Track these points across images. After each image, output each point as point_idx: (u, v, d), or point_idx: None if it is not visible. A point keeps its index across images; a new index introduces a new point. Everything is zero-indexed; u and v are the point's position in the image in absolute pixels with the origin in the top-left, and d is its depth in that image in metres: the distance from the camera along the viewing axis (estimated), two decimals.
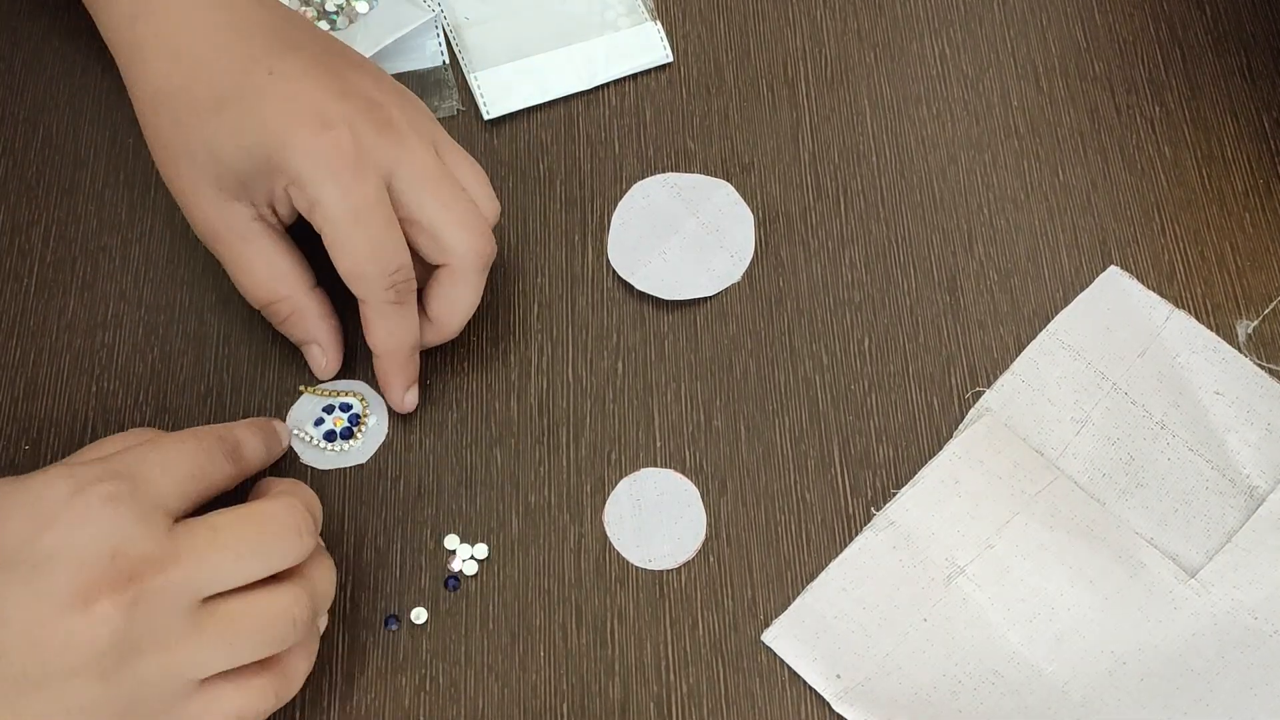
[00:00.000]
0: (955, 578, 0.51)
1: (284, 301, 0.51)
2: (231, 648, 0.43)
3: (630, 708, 0.50)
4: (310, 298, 0.52)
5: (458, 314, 0.52)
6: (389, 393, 0.52)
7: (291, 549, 0.44)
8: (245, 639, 0.43)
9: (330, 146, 0.47)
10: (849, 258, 0.57)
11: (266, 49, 0.49)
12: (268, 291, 0.51)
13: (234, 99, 0.48)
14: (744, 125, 0.59)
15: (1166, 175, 0.59)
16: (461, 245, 0.50)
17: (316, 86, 0.48)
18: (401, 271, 0.49)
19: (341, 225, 0.48)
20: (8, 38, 0.60)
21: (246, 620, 0.43)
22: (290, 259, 0.51)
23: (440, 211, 0.49)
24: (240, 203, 0.50)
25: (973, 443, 0.53)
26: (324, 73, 0.49)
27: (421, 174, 0.49)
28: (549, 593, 0.51)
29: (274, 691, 0.45)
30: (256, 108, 0.48)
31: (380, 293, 0.49)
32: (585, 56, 0.60)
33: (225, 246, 0.51)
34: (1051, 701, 0.49)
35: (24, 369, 0.54)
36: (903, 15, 0.62)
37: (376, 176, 0.48)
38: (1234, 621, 0.50)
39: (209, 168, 0.49)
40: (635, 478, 0.53)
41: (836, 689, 0.50)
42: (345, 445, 0.53)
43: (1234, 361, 0.54)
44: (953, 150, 0.59)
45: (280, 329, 0.53)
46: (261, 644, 0.43)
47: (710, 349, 0.55)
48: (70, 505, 0.41)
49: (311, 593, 0.45)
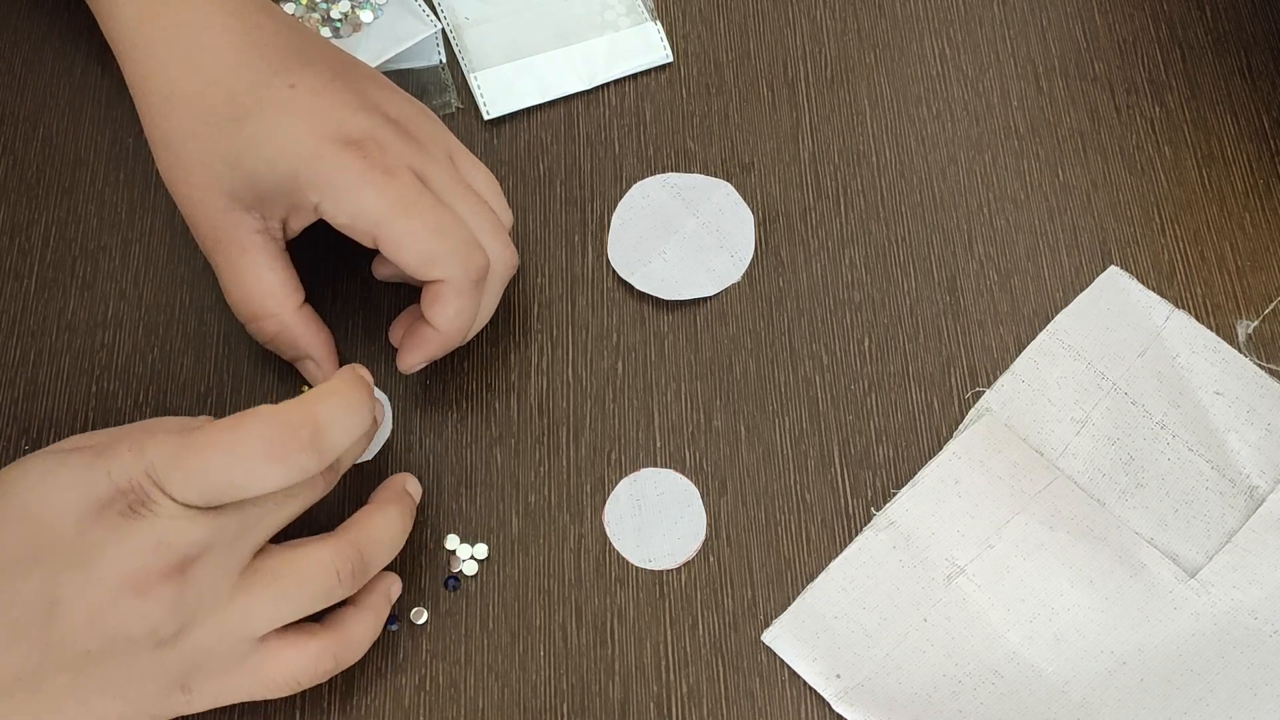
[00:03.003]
0: (955, 578, 0.51)
1: (271, 319, 0.51)
2: (278, 601, 0.44)
3: (630, 707, 0.50)
4: (296, 316, 0.51)
5: (480, 320, 0.51)
6: (408, 358, 0.51)
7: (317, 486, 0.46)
8: (290, 592, 0.44)
9: (360, 157, 0.47)
10: (849, 258, 0.57)
11: (285, 62, 0.49)
12: (254, 307, 0.51)
13: (256, 112, 0.48)
14: (744, 125, 0.60)
15: (1166, 175, 0.59)
16: (492, 251, 0.50)
17: (338, 101, 0.49)
18: (475, 250, 0.49)
19: (394, 220, 0.48)
20: (8, 37, 0.60)
21: (289, 573, 0.45)
22: (282, 276, 0.51)
23: (469, 217, 0.50)
24: (250, 214, 0.49)
25: (973, 443, 0.53)
26: (344, 87, 0.49)
27: (446, 182, 0.50)
28: (549, 593, 0.51)
29: (332, 654, 0.46)
30: (281, 122, 0.48)
31: (459, 269, 0.49)
32: (585, 56, 0.60)
33: (223, 256, 0.50)
34: (1051, 701, 0.49)
35: (24, 369, 0.54)
36: (903, 15, 0.62)
37: (409, 173, 0.48)
38: (1234, 621, 0.50)
39: (225, 179, 0.49)
40: (635, 477, 0.53)
41: (836, 689, 0.50)
42: None
43: (1234, 361, 0.54)
44: (953, 150, 0.59)
45: (268, 347, 0.52)
46: (308, 597, 0.45)
47: (710, 349, 0.55)
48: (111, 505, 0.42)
49: (357, 545, 0.46)
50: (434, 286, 0.49)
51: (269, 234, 0.50)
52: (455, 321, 0.50)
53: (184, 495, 0.42)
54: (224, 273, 0.51)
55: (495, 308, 0.52)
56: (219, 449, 0.43)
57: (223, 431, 0.43)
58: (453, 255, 0.48)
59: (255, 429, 0.43)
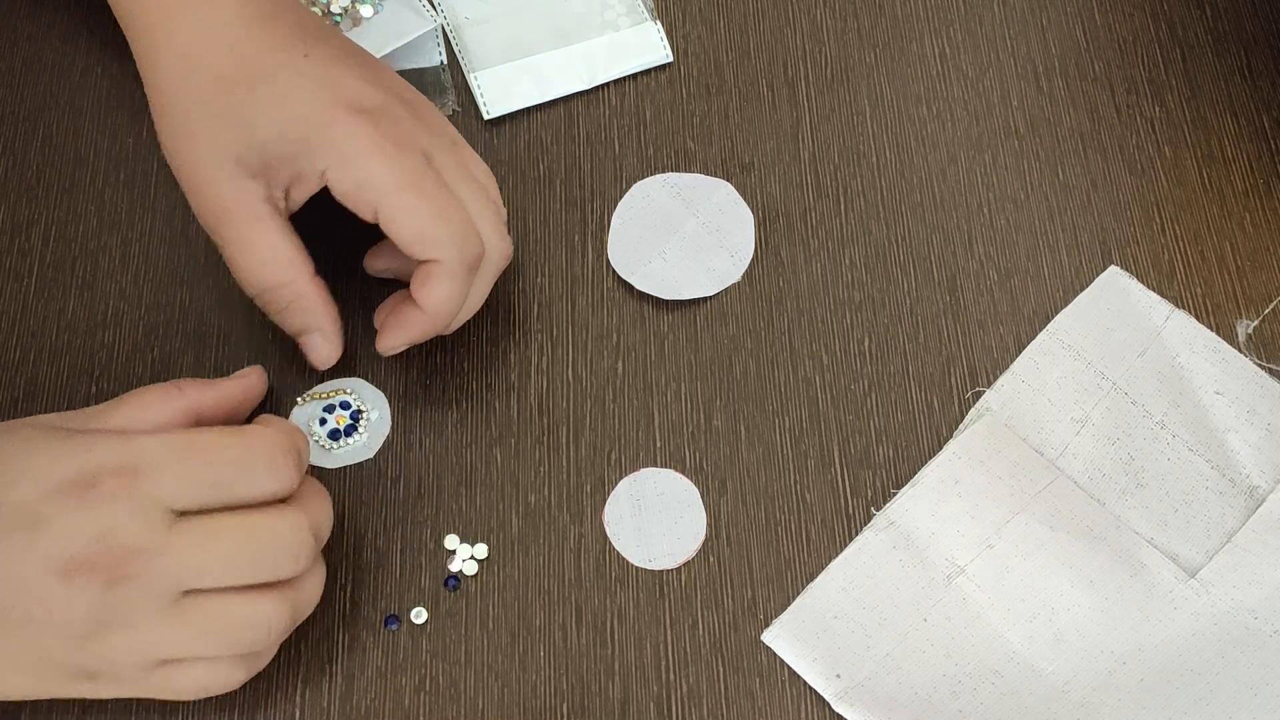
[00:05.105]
0: (955, 577, 0.51)
1: (286, 287, 0.50)
2: (202, 643, 0.44)
3: (630, 707, 0.50)
4: (312, 284, 0.51)
5: (468, 308, 0.51)
6: (389, 339, 0.51)
7: (285, 570, 0.45)
8: (217, 638, 0.44)
9: (372, 126, 0.48)
10: (849, 258, 0.57)
11: (299, 35, 0.50)
12: (270, 275, 0.50)
13: (269, 77, 0.48)
14: (744, 125, 0.60)
15: (1166, 175, 0.59)
16: (489, 241, 0.50)
17: (351, 73, 0.49)
18: (472, 235, 0.49)
19: (397, 195, 0.48)
20: (8, 37, 0.60)
21: (222, 620, 0.44)
22: (294, 244, 0.50)
23: (470, 204, 0.50)
24: (256, 181, 0.49)
25: (973, 443, 0.53)
26: (353, 62, 0.50)
27: (451, 167, 0.50)
28: (549, 592, 0.51)
29: (246, 667, 0.46)
30: (296, 86, 0.48)
31: (455, 251, 0.49)
32: (585, 56, 0.60)
33: (232, 226, 0.49)
34: (1051, 701, 0.49)
35: (24, 368, 0.54)
36: (903, 15, 0.62)
37: (419, 151, 0.49)
38: (1234, 621, 0.50)
39: (233, 143, 0.48)
40: (635, 477, 0.53)
41: (836, 689, 0.50)
42: (351, 441, 0.53)
43: (1234, 361, 0.54)
44: (953, 150, 0.59)
45: (278, 318, 0.51)
46: (233, 645, 0.44)
47: (710, 349, 0.55)
48: (71, 490, 0.42)
49: (294, 604, 0.45)
50: (426, 267, 0.49)
51: (273, 202, 0.50)
52: (444, 305, 0.50)
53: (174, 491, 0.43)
54: (233, 244, 0.50)
55: (484, 300, 0.52)
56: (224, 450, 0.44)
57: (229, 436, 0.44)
58: (450, 238, 0.49)
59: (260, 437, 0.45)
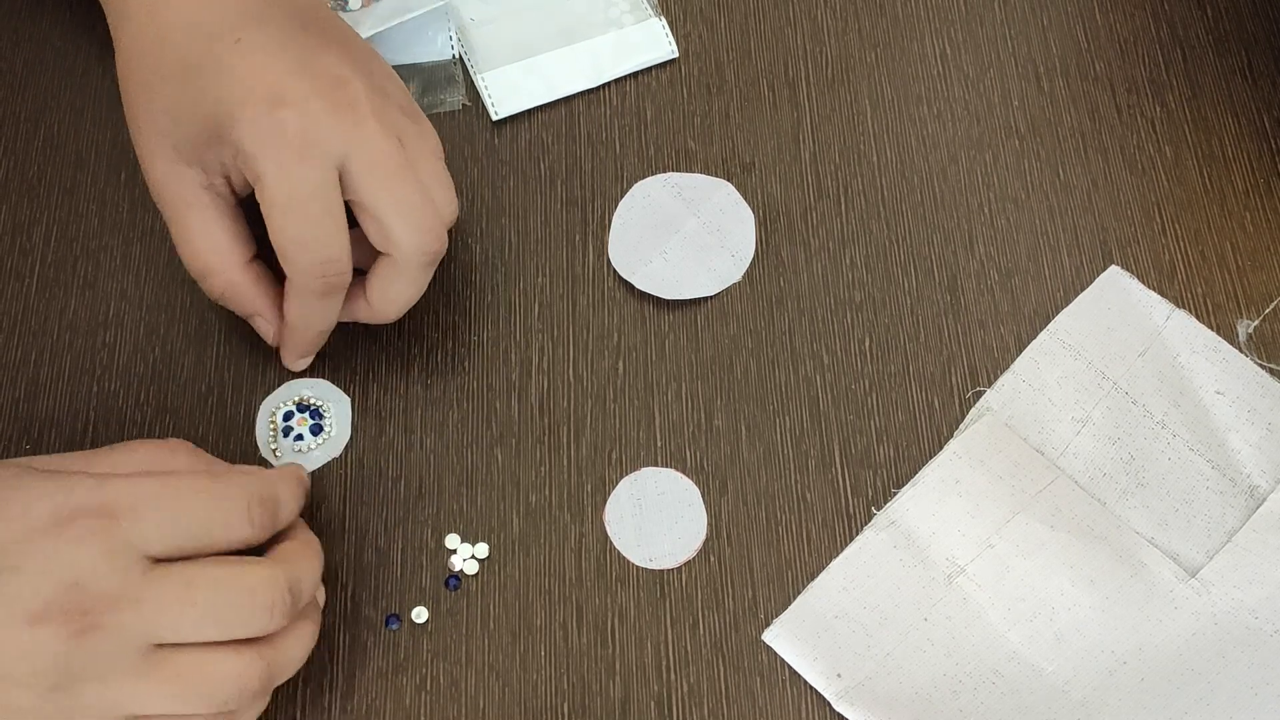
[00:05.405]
0: (956, 577, 0.51)
1: (216, 276, 0.51)
2: (173, 699, 0.42)
3: (631, 707, 0.50)
4: (244, 274, 0.51)
5: (395, 304, 0.51)
6: (282, 355, 0.53)
7: (259, 625, 0.43)
8: (189, 694, 0.42)
9: (276, 126, 0.47)
10: (850, 257, 0.57)
11: (240, 18, 0.49)
12: (202, 263, 0.50)
13: (197, 68, 0.48)
14: (745, 125, 0.60)
15: (1167, 175, 0.59)
16: (406, 240, 0.49)
17: (277, 61, 0.48)
18: (331, 265, 0.49)
19: (277, 208, 0.47)
20: (9, 38, 0.60)
21: (194, 676, 0.42)
22: (230, 233, 0.50)
23: (390, 203, 0.48)
24: (193, 168, 0.49)
25: (973, 442, 0.53)
26: (290, 47, 0.48)
27: (376, 161, 0.48)
28: (550, 592, 0.51)
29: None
30: (216, 79, 0.48)
31: (306, 280, 0.49)
32: (591, 54, 0.60)
33: (171, 210, 0.50)
34: (1051, 701, 0.49)
35: (25, 369, 0.54)
36: (903, 15, 0.62)
37: (324, 162, 0.47)
38: (1234, 621, 0.50)
39: (169, 132, 0.49)
40: (636, 477, 0.53)
41: (837, 688, 0.50)
42: (321, 439, 0.53)
43: (1235, 361, 0.54)
44: (953, 150, 0.59)
45: (220, 303, 0.52)
46: (206, 702, 0.43)
47: (711, 348, 0.55)
48: (47, 531, 0.41)
49: (271, 662, 0.44)
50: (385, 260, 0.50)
51: (214, 190, 0.50)
52: (299, 322, 0.51)
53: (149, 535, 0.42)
54: (172, 228, 0.51)
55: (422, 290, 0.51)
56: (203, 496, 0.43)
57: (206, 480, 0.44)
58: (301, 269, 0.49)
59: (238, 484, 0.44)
